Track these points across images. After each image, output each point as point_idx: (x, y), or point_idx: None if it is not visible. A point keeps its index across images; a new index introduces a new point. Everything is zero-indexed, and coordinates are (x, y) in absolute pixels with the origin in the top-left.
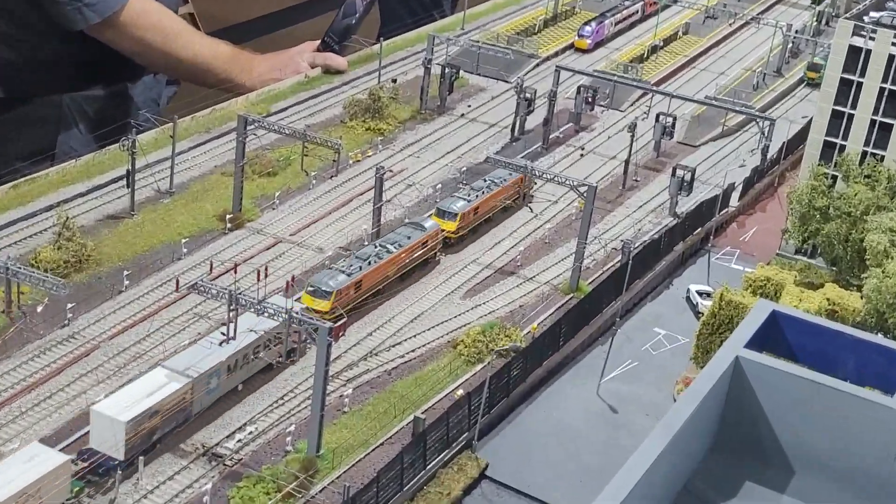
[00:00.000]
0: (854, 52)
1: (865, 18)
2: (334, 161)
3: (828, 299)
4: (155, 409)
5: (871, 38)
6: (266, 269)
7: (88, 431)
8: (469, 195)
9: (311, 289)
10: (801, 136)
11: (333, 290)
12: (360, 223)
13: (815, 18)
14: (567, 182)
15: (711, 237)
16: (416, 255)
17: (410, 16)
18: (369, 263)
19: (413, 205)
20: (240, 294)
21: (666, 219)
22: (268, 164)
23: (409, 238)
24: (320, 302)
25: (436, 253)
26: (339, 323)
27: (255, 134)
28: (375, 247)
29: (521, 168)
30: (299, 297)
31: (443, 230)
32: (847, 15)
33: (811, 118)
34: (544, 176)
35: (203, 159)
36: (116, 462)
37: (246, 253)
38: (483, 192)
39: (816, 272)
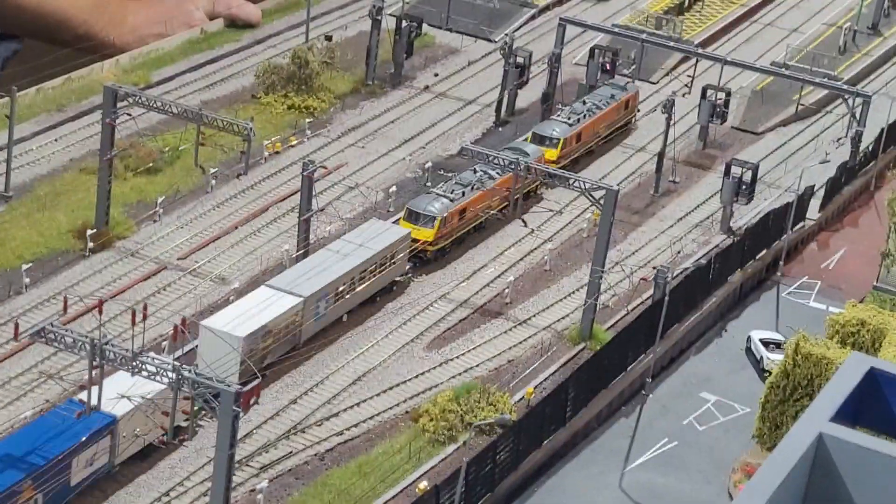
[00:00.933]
0: None
1: None
2: (242, 153)
3: None
4: (268, 328)
5: None
6: (145, 308)
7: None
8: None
9: (409, 213)
10: None
11: (438, 216)
12: (279, 242)
13: None
14: (577, 184)
15: (782, 263)
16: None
17: None
18: (472, 189)
19: (356, 215)
20: (107, 344)
21: (717, 237)
22: (147, 156)
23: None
24: (422, 230)
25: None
26: (252, 385)
27: (128, 113)
28: (475, 171)
29: (513, 163)
30: (190, 350)
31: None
32: None
33: None
34: (545, 175)
35: (54, 149)
36: None
37: (115, 285)
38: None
39: None
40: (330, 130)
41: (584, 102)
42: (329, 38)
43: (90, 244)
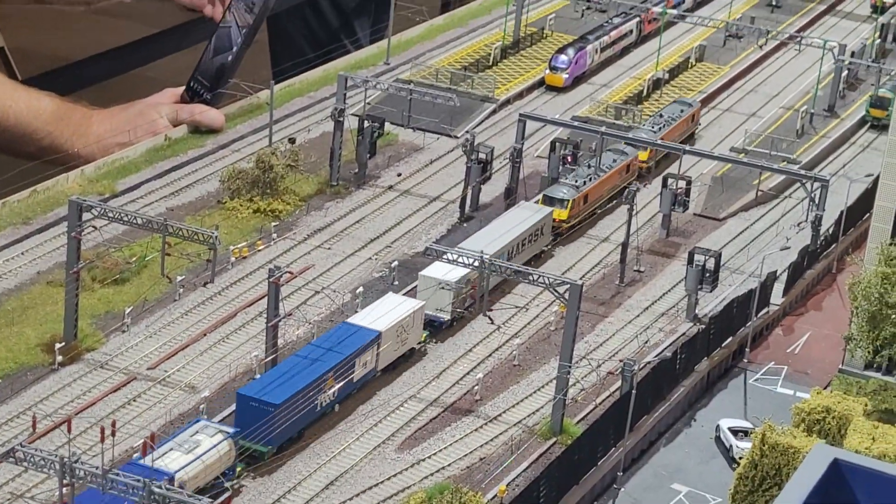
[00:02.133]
0: None
1: None
2: (208, 261)
3: None
4: (467, 278)
5: None
6: (113, 424)
7: None
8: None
9: (546, 199)
10: (866, 202)
11: (569, 199)
12: (247, 348)
13: (876, 34)
14: (541, 279)
15: (748, 350)
16: (624, 176)
17: (312, 48)
18: (591, 179)
19: (324, 318)
20: (76, 462)
21: (683, 325)
22: (114, 267)
23: (615, 161)
24: (558, 211)
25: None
26: (223, 498)
27: (93, 226)
28: (589, 167)
29: (475, 263)
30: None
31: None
32: None
33: (877, 176)
34: (507, 272)
35: (20, 263)
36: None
37: (85, 398)
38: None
39: None
40: (296, 233)
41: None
42: (292, 141)
43: (59, 358)
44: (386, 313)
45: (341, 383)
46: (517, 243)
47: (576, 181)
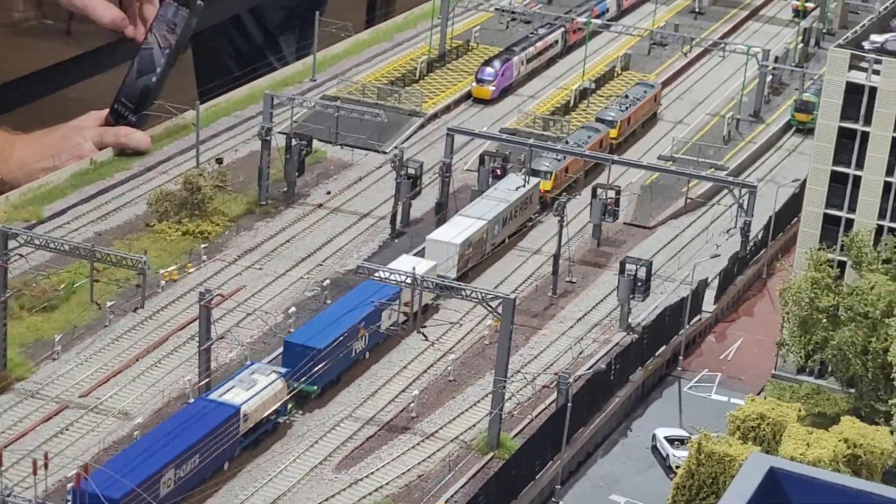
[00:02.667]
0: (854, 91)
1: (865, 44)
2: (138, 286)
3: (845, 441)
4: (469, 241)
5: (876, 73)
6: (46, 455)
7: None
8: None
9: (532, 171)
10: (794, 206)
11: (553, 171)
12: (180, 372)
13: (799, 38)
14: (473, 295)
15: (681, 358)
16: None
17: (238, 65)
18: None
19: (256, 339)
20: (8, 496)
21: (616, 335)
22: (42, 294)
23: (589, 137)
24: (543, 182)
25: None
26: None
27: (20, 254)
28: (567, 143)
29: (402, 281)
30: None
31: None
32: (841, 41)
33: (804, 180)
34: (438, 287)
35: None
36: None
37: (14, 429)
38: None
39: (829, 397)
40: (226, 254)
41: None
42: (220, 161)
43: None
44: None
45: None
46: (510, 211)
47: (557, 155)
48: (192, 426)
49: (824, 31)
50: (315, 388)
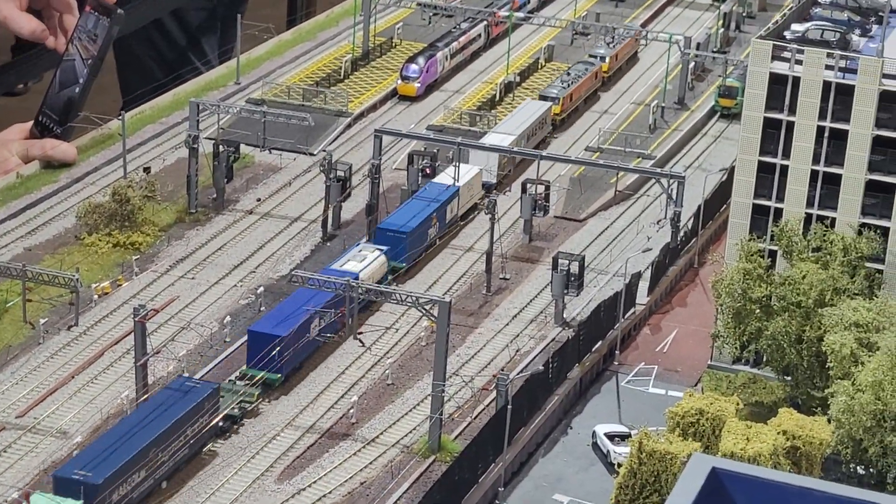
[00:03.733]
0: (778, 81)
1: (787, 34)
2: (71, 304)
3: (784, 433)
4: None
5: (798, 63)
6: None
7: None
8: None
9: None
10: (722, 194)
11: (560, 97)
12: (117, 388)
13: (720, 23)
14: (408, 299)
15: (618, 352)
16: (593, 81)
17: (162, 69)
18: (573, 83)
19: (191, 351)
20: None
21: (552, 330)
22: None
23: (586, 70)
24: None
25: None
26: None
27: None
28: (569, 74)
29: (340, 290)
30: None
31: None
32: (763, 32)
33: (732, 167)
34: (376, 294)
35: None
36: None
37: None
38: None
39: (765, 385)
40: (158, 265)
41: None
42: (147, 170)
43: None
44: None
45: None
46: (531, 130)
47: (563, 83)
48: (317, 295)
49: (744, 14)
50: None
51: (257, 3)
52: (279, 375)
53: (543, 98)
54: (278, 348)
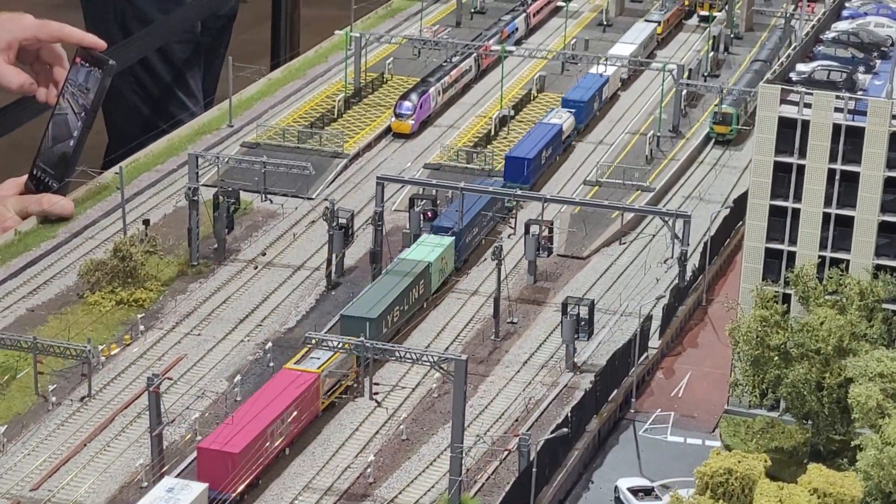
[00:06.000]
0: (787, 125)
1: (792, 75)
2: (84, 375)
3: (815, 490)
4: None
5: (807, 106)
6: None
7: None
8: None
9: None
10: (726, 228)
11: (660, 20)
12: (130, 455)
13: (709, 46)
14: (425, 358)
15: (633, 400)
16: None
17: (147, 105)
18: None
19: (205, 416)
20: None
21: (564, 375)
22: None
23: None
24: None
25: None
26: None
27: None
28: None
29: (352, 351)
30: None
31: None
32: (770, 75)
33: (735, 200)
34: (384, 353)
35: None
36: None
37: None
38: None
39: (784, 430)
40: (163, 321)
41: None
42: (147, 223)
43: None
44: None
45: None
46: (646, 42)
47: (660, 11)
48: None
49: (732, 36)
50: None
51: (241, 47)
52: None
53: (648, 21)
54: None
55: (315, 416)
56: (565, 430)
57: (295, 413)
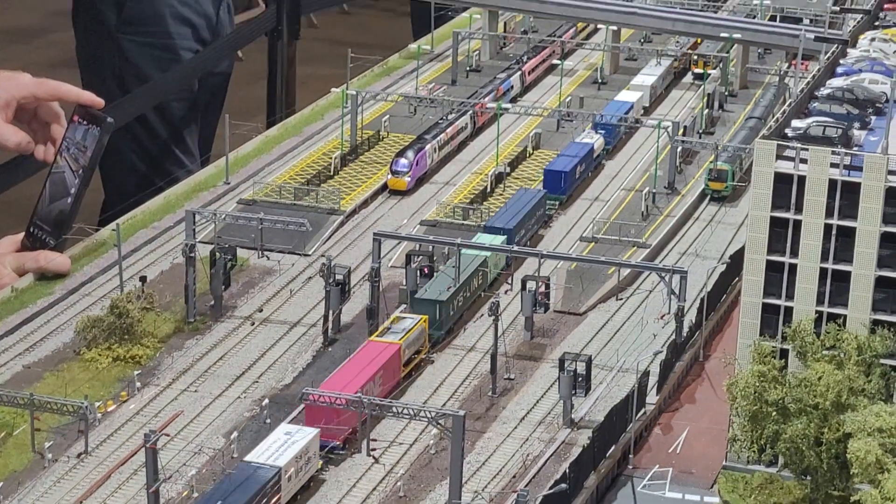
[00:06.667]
0: (783, 180)
1: (788, 131)
2: (81, 432)
3: None
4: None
5: (804, 161)
6: None
7: None
8: None
9: None
10: (722, 284)
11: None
12: None
13: (704, 103)
14: (422, 414)
15: (632, 456)
16: None
17: (145, 163)
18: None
19: (204, 474)
20: None
21: (561, 432)
22: None
23: None
24: None
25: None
26: None
27: None
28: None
29: (350, 407)
30: None
31: None
32: (766, 131)
33: (731, 256)
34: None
35: None
36: None
37: None
38: None
39: (782, 486)
40: (159, 378)
41: None
42: (143, 280)
43: None
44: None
45: None
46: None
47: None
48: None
49: (726, 93)
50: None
51: (237, 105)
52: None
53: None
54: None
55: (397, 382)
56: (564, 485)
57: (381, 377)
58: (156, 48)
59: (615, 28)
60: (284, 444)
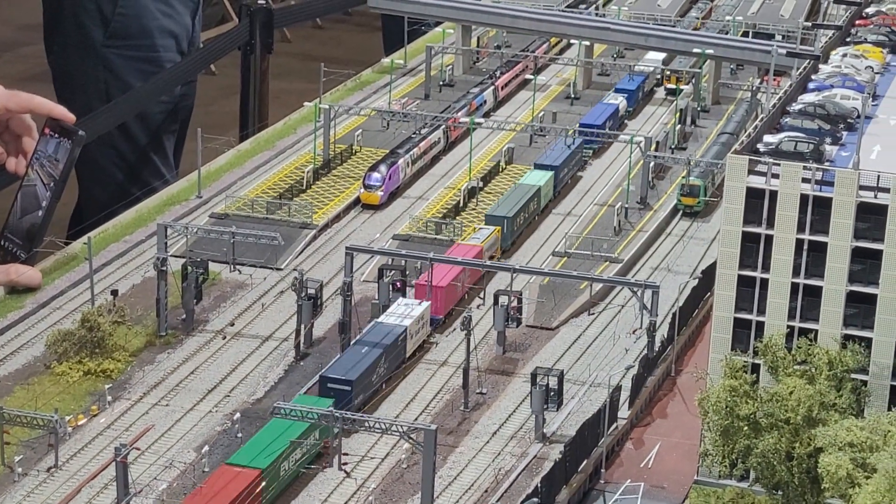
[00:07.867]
0: (755, 195)
1: (760, 146)
2: (51, 445)
3: None
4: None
5: (775, 176)
6: None
7: None
8: None
9: None
10: (694, 299)
11: None
12: None
13: (676, 119)
14: (394, 428)
15: (603, 471)
16: None
17: (123, 172)
18: None
19: (174, 488)
20: None
21: (533, 446)
22: None
23: None
24: None
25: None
26: None
27: None
28: None
29: (321, 419)
30: None
31: None
32: (738, 146)
33: (703, 272)
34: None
35: None
36: None
37: None
38: None
39: (754, 500)
40: (131, 392)
41: None
42: (115, 294)
43: None
44: None
45: None
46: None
47: None
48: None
49: (699, 109)
50: None
51: (208, 119)
52: None
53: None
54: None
55: (480, 275)
56: (535, 500)
57: (469, 270)
58: (142, 61)
59: (588, 43)
60: (404, 313)
